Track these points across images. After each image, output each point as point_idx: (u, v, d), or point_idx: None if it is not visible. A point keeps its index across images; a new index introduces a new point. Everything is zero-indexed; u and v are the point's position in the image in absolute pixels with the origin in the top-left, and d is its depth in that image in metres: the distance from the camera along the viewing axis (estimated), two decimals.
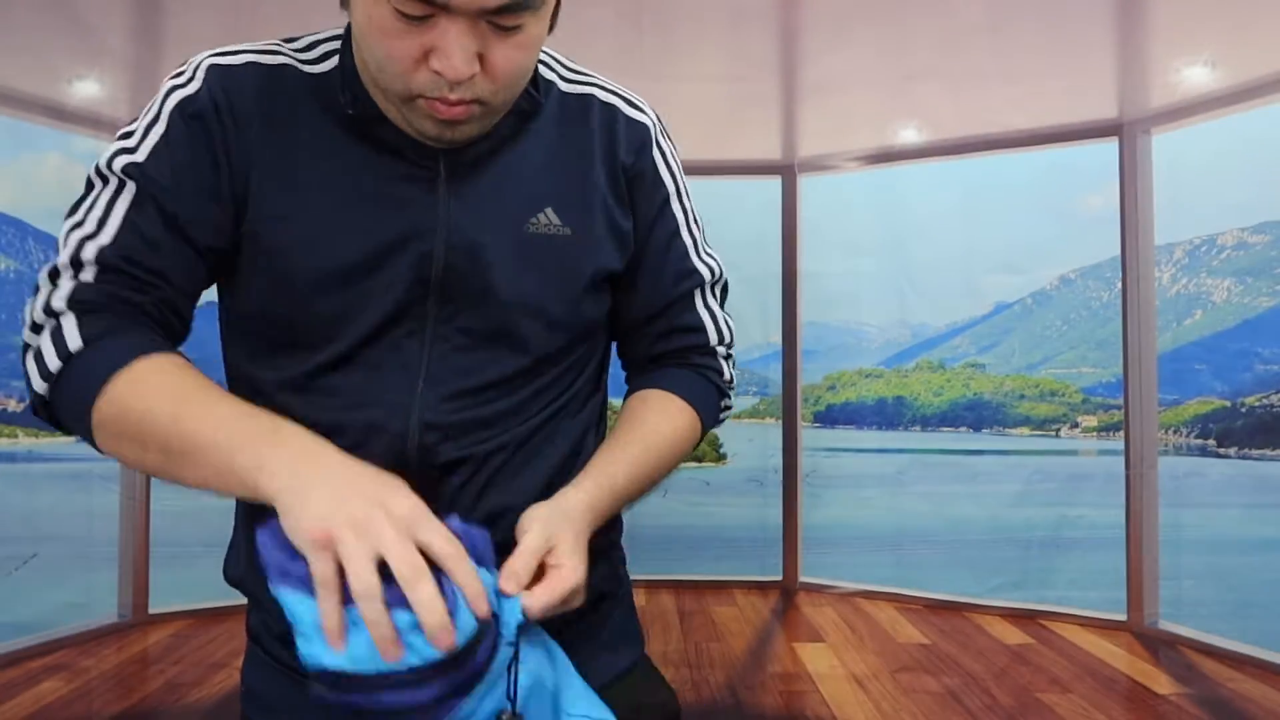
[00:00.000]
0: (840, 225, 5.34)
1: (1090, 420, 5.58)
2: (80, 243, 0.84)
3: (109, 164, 0.86)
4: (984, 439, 5.73)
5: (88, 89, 3.83)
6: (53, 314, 0.83)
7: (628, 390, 1.03)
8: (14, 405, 4.35)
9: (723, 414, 1.05)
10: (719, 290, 1.05)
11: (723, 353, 1.04)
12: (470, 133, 0.86)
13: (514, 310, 0.91)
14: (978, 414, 5.75)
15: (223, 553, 0.98)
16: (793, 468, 4.98)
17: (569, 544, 0.81)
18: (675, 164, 1.02)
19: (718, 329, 1.03)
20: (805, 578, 4.92)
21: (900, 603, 4.61)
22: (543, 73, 0.94)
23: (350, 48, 0.89)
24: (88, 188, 0.88)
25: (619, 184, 0.97)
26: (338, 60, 0.90)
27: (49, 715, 3.10)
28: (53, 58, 3.61)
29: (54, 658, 3.67)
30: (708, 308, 1.03)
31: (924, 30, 3.43)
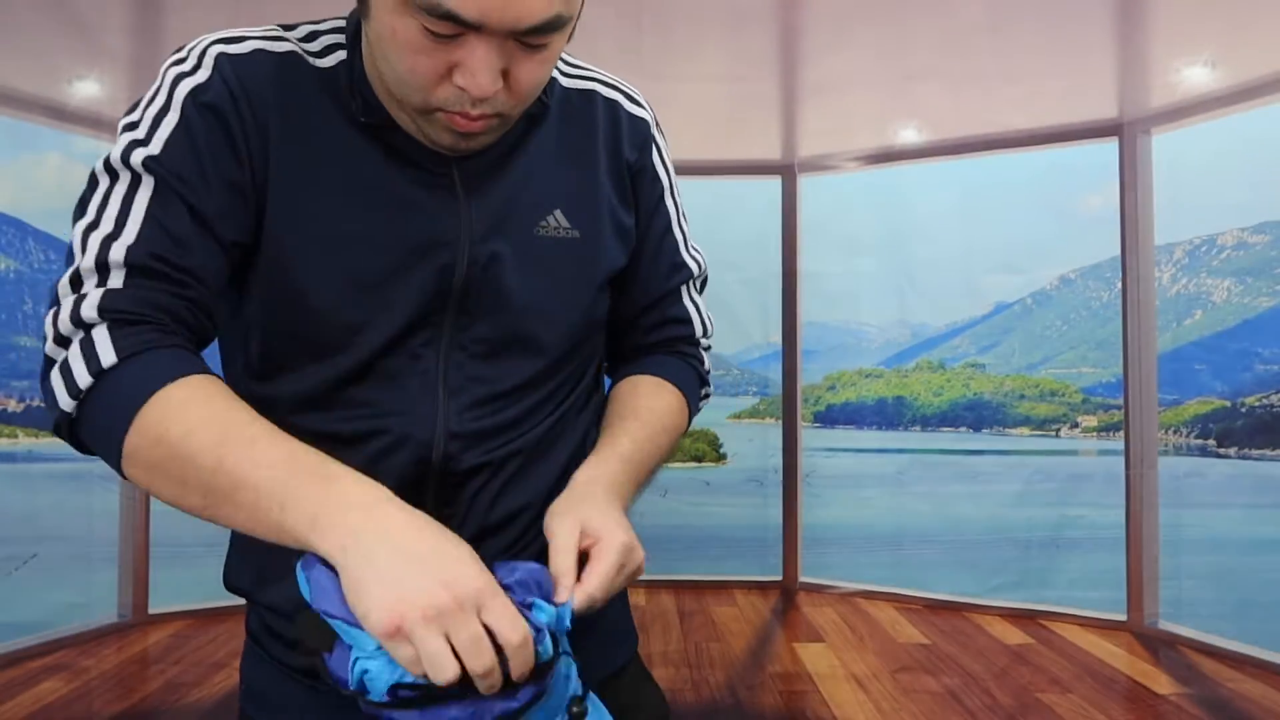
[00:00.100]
0: (840, 225, 5.33)
1: (1090, 420, 5.57)
2: (103, 244, 0.78)
3: (123, 158, 0.81)
4: (984, 439, 5.72)
5: (88, 89, 3.83)
6: (83, 324, 0.76)
7: (614, 377, 1.03)
8: (14, 405, 4.35)
9: (702, 402, 1.07)
10: (701, 285, 1.07)
11: (705, 344, 1.06)
12: (485, 143, 0.86)
13: (528, 316, 0.90)
14: (978, 414, 5.74)
15: (223, 552, 0.97)
16: (793, 468, 4.98)
17: (598, 516, 0.81)
18: (668, 159, 1.03)
19: (702, 322, 1.05)
20: (805, 578, 4.92)
21: (900, 603, 4.61)
22: None
23: (358, 48, 0.86)
24: (92, 185, 0.82)
25: (623, 182, 0.98)
26: (344, 57, 0.87)
27: (49, 715, 3.10)
28: (53, 58, 3.61)
29: (54, 658, 3.67)
30: (693, 301, 1.05)
31: (924, 30, 3.43)
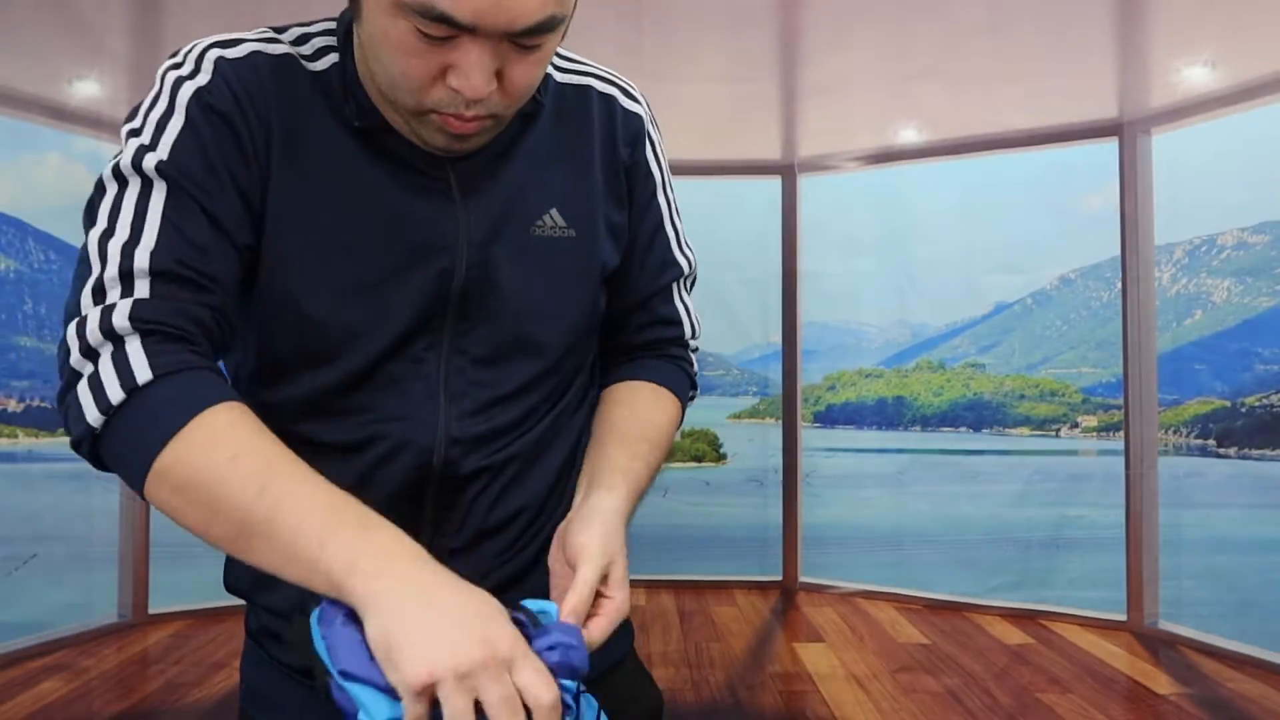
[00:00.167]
0: (840, 225, 5.33)
1: (1090, 420, 5.58)
2: (124, 252, 0.76)
3: (133, 163, 0.80)
4: (984, 439, 5.72)
5: (88, 89, 3.83)
6: (113, 337, 0.74)
7: (607, 378, 1.02)
8: (14, 405, 4.35)
9: (689, 403, 1.07)
10: (690, 284, 1.06)
11: (693, 346, 1.05)
12: (479, 144, 0.86)
13: (528, 318, 0.90)
14: (978, 414, 5.74)
15: (222, 553, 0.97)
16: (793, 468, 4.98)
17: (621, 571, 0.81)
18: (663, 155, 1.02)
19: (691, 323, 1.04)
20: (805, 578, 4.92)
21: (900, 603, 4.61)
22: None
23: (351, 50, 0.86)
24: (100, 192, 0.81)
25: (617, 179, 0.97)
26: (336, 59, 0.87)
27: (49, 715, 3.10)
28: (53, 58, 3.61)
29: (54, 658, 3.67)
30: (682, 301, 1.04)
31: (924, 30, 3.43)
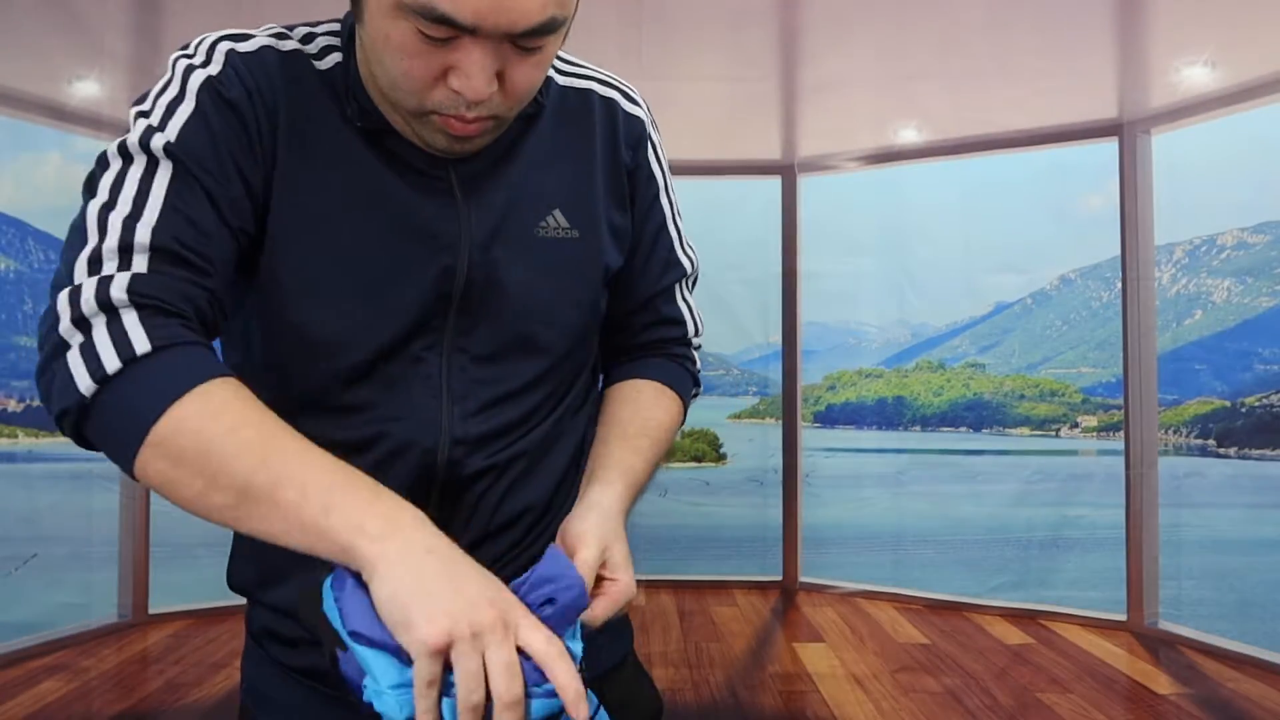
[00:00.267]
0: (840, 225, 5.33)
1: (1090, 420, 5.58)
2: (125, 225, 0.76)
3: (141, 142, 0.80)
4: (984, 439, 5.72)
5: (88, 89, 3.83)
6: (109, 308, 0.73)
7: (610, 377, 1.03)
8: (14, 405, 4.35)
9: (691, 400, 1.08)
10: (692, 284, 1.07)
11: (696, 344, 1.07)
12: (480, 145, 0.86)
13: (530, 319, 0.91)
14: (978, 414, 5.74)
15: (222, 552, 0.97)
16: (793, 468, 4.98)
17: (621, 555, 0.82)
18: (664, 157, 1.03)
19: (694, 322, 1.06)
20: (805, 578, 4.92)
21: (900, 603, 4.61)
22: None
23: (354, 50, 0.87)
24: (103, 165, 0.81)
25: (620, 181, 0.97)
26: (340, 59, 0.87)
27: (49, 715, 3.10)
28: (53, 58, 3.61)
29: (54, 658, 3.68)
30: (685, 301, 1.05)
31: (924, 30, 3.43)
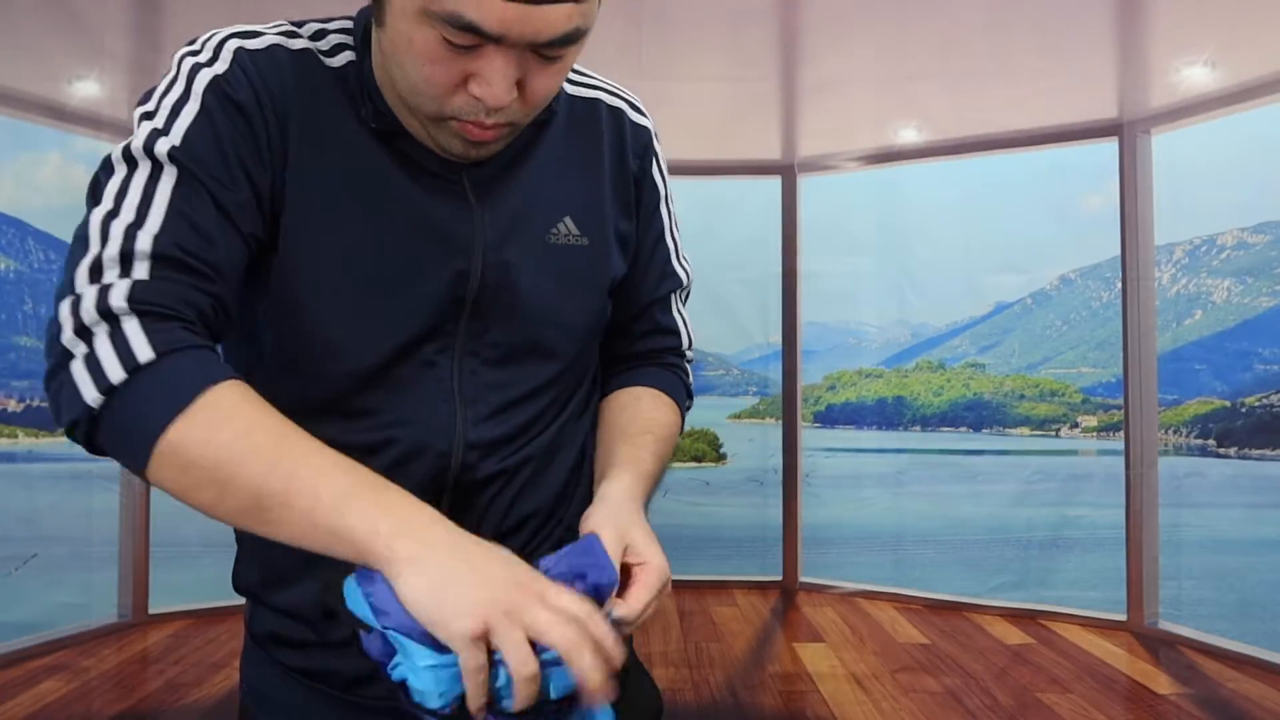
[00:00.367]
0: (840, 225, 5.34)
1: (1090, 420, 5.58)
2: (126, 233, 0.75)
3: (145, 147, 0.79)
4: (984, 439, 5.73)
5: (88, 89, 3.83)
6: (110, 316, 0.73)
7: (607, 386, 1.04)
8: (14, 405, 4.35)
9: (686, 412, 1.09)
10: (686, 297, 1.09)
11: (689, 356, 1.08)
12: (495, 150, 0.86)
13: (541, 324, 0.91)
14: (978, 414, 5.75)
15: (223, 552, 0.97)
16: (793, 468, 4.98)
17: (643, 537, 0.83)
18: (665, 168, 1.05)
19: (688, 334, 1.07)
20: (805, 578, 4.92)
21: (900, 603, 4.61)
22: None
23: (368, 50, 0.86)
24: (108, 171, 0.80)
25: (627, 190, 0.99)
26: (352, 58, 0.87)
27: (49, 715, 3.10)
28: (53, 58, 3.61)
29: (54, 658, 3.67)
30: (680, 312, 1.07)
31: (924, 30, 3.43)
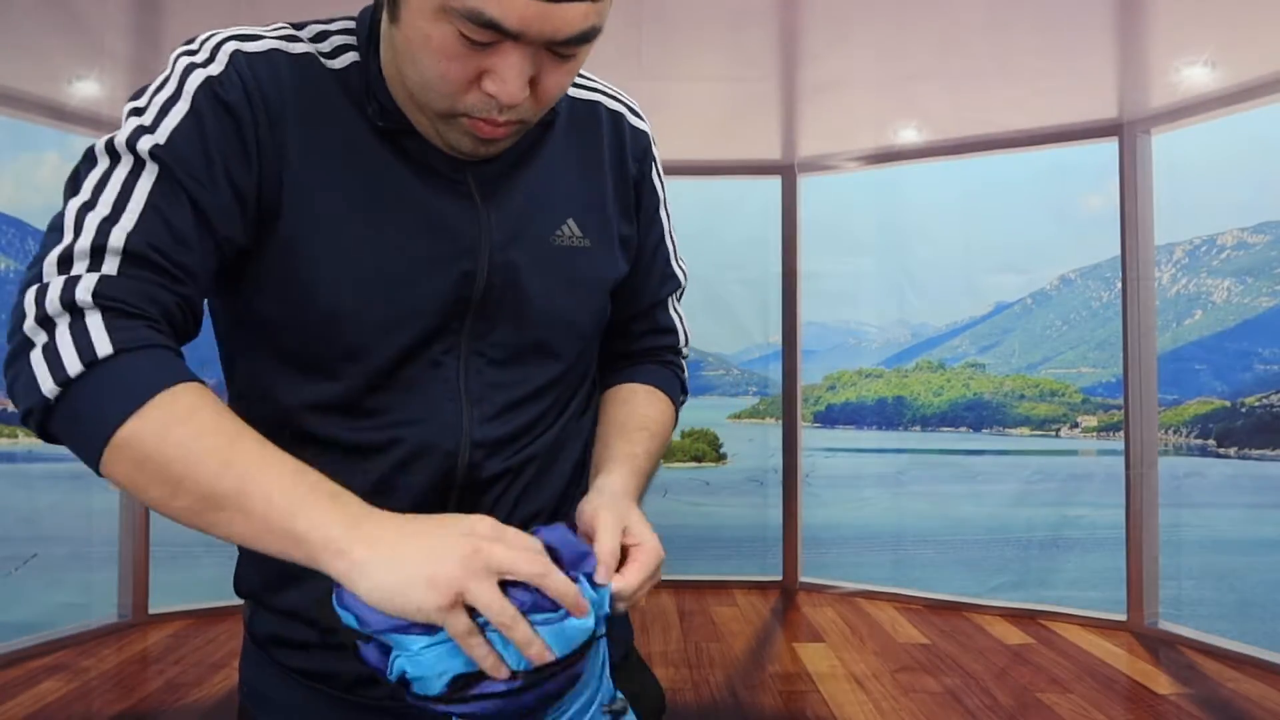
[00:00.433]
0: (840, 225, 5.34)
1: (1090, 420, 5.58)
2: (100, 227, 0.75)
3: (128, 142, 0.78)
4: (984, 439, 5.73)
5: (88, 89, 3.83)
6: (73, 309, 0.73)
7: (605, 383, 1.05)
8: (14, 406, 4.35)
9: (680, 407, 1.11)
10: (680, 296, 1.11)
11: (686, 354, 1.11)
12: (503, 148, 0.87)
13: (545, 325, 0.92)
14: (978, 414, 5.75)
15: (223, 552, 0.97)
16: (793, 468, 4.98)
17: (638, 519, 0.84)
18: (662, 172, 1.06)
19: (684, 332, 1.10)
20: (805, 578, 4.92)
21: (900, 603, 4.61)
22: None
23: (374, 49, 0.86)
24: (90, 162, 0.79)
25: (627, 193, 1.00)
26: (355, 58, 0.87)
27: (49, 715, 3.10)
28: (53, 58, 3.61)
29: (54, 658, 3.67)
30: (676, 311, 1.09)
31: (924, 30, 3.43)
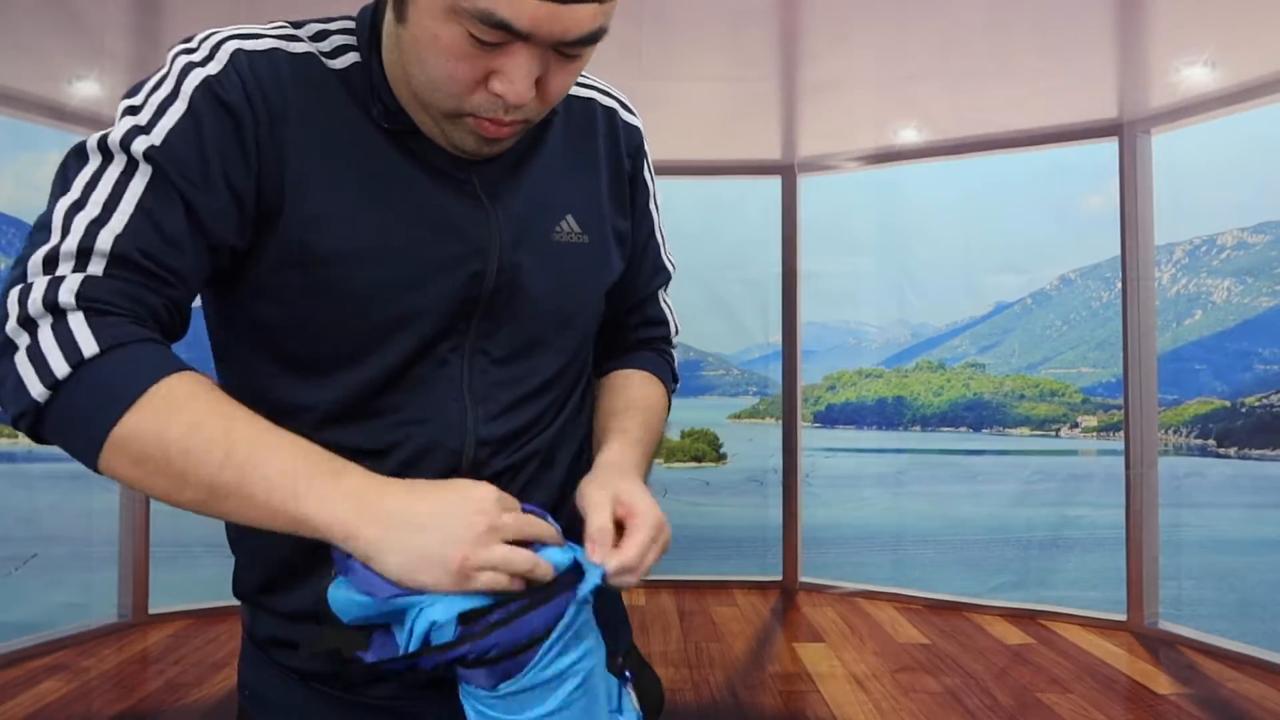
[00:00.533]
0: (840, 225, 5.34)
1: (1090, 420, 5.58)
2: (88, 229, 0.74)
3: (122, 141, 0.77)
4: (984, 439, 5.73)
5: (88, 89, 3.83)
6: (55, 310, 0.72)
7: (601, 369, 1.06)
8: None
9: (672, 393, 1.13)
10: (667, 287, 1.13)
11: (675, 342, 1.13)
12: (506, 147, 0.87)
13: (547, 322, 0.92)
14: (978, 414, 5.74)
15: (223, 552, 0.97)
16: (793, 468, 4.98)
17: (630, 488, 0.85)
18: (652, 167, 1.08)
19: (674, 323, 1.12)
20: (805, 578, 4.92)
21: (900, 603, 4.61)
22: None
23: (375, 51, 0.86)
24: (81, 159, 0.78)
25: (622, 188, 1.01)
26: (356, 58, 0.86)
27: (49, 715, 3.10)
28: (53, 58, 3.61)
29: (54, 658, 3.68)
30: (666, 302, 1.11)
31: (924, 30, 3.43)
